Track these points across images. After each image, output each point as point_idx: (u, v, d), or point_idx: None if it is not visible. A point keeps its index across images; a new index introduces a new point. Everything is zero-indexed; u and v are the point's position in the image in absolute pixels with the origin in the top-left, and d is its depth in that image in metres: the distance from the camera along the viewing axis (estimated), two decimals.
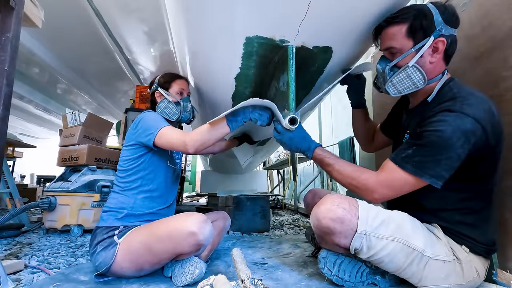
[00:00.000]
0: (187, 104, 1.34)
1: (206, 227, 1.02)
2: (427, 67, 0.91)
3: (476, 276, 0.89)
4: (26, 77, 3.81)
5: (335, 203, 0.91)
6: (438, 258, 0.87)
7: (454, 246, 0.90)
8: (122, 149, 1.25)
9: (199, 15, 0.97)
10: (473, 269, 0.89)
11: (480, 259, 0.91)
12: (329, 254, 1.00)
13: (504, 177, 0.99)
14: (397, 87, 0.94)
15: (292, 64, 1.01)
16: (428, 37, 0.88)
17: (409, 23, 0.90)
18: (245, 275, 0.82)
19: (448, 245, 0.90)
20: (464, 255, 0.89)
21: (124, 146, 1.25)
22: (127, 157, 1.22)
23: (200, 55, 1.22)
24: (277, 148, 3.00)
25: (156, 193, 1.22)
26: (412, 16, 0.89)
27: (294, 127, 1.01)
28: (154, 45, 3.10)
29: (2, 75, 1.01)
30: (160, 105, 1.29)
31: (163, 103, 1.29)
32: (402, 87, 0.94)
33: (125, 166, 1.21)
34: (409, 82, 0.92)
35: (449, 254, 0.88)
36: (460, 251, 0.89)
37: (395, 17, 0.92)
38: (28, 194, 3.45)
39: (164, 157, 1.28)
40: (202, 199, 6.17)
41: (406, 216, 0.94)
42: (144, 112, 1.27)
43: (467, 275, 0.88)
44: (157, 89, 1.32)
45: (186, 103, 1.34)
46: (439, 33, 0.88)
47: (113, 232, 1.09)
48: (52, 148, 6.58)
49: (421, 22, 0.88)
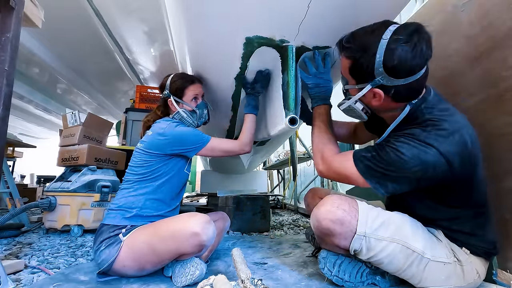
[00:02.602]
0: (203, 111, 1.33)
1: (209, 228, 1.02)
2: (372, 105, 0.89)
3: (477, 277, 0.89)
4: (26, 77, 3.82)
5: (335, 204, 0.91)
6: (439, 260, 0.87)
7: (455, 248, 0.90)
8: (141, 153, 1.21)
9: (199, 15, 0.97)
10: (474, 271, 0.89)
11: (480, 260, 0.90)
12: (329, 254, 1.00)
13: (504, 178, 0.99)
14: (346, 112, 0.96)
15: (292, 64, 1.02)
16: (367, 83, 0.83)
17: (352, 61, 0.84)
18: (245, 275, 0.82)
19: (448, 246, 0.90)
20: (465, 257, 0.89)
21: (144, 150, 1.20)
22: (148, 163, 1.19)
23: (200, 55, 1.22)
24: (277, 148, 3.00)
25: (168, 197, 1.22)
26: (358, 55, 0.82)
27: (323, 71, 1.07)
28: (154, 45, 3.11)
29: (2, 75, 1.01)
30: (175, 116, 1.29)
31: (178, 115, 1.29)
32: (349, 114, 0.96)
33: (142, 170, 1.19)
34: (353, 113, 0.94)
35: (449, 256, 0.88)
36: (461, 253, 0.89)
37: (345, 48, 0.85)
38: (28, 194, 3.44)
39: (183, 164, 1.27)
40: (202, 199, 6.17)
41: (407, 218, 0.93)
42: (170, 122, 1.24)
43: (468, 277, 0.88)
44: (170, 97, 1.29)
45: (202, 110, 1.33)
46: (378, 83, 0.81)
47: (119, 231, 1.08)
48: (52, 148, 6.58)
49: (361, 66, 0.81)
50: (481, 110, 1.10)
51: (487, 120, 1.07)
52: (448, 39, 1.28)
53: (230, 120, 1.60)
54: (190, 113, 1.29)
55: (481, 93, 1.11)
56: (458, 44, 1.23)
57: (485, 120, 1.08)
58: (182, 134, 1.20)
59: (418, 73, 0.79)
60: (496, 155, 1.02)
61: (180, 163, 1.25)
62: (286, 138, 2.73)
